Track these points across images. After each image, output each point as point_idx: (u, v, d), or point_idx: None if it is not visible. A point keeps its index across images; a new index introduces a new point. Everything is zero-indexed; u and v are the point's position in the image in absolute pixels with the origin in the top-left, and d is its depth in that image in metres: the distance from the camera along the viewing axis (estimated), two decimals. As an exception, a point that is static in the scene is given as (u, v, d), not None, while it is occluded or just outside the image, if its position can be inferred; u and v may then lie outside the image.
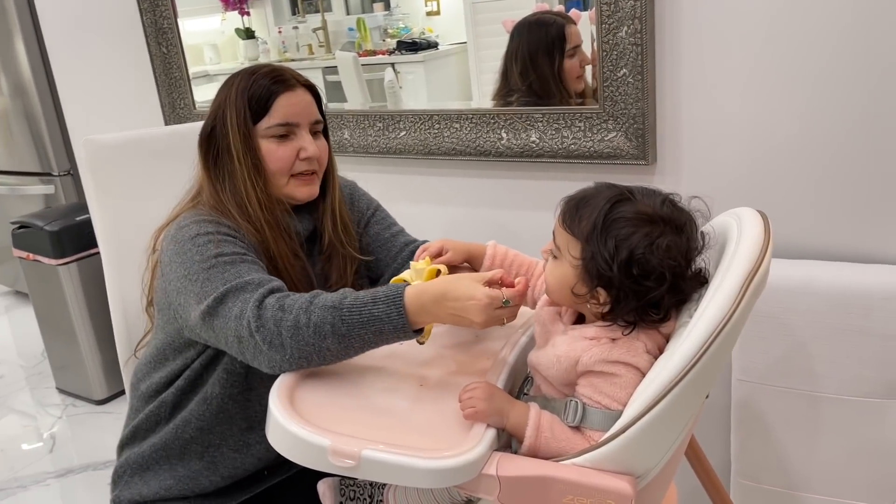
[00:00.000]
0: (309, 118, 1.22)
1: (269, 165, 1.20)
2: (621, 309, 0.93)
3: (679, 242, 0.91)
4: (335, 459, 0.88)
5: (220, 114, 1.20)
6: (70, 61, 2.52)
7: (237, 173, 1.18)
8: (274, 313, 1.00)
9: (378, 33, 1.92)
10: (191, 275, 1.09)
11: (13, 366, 3.14)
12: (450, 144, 1.76)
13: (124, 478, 1.27)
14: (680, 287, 0.93)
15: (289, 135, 1.20)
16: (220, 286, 1.05)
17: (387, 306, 0.98)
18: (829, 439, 1.41)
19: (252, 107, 1.18)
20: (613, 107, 1.50)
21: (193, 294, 1.08)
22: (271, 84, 1.19)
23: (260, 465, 1.28)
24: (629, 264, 0.90)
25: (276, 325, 1.00)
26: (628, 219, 0.91)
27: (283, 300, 1.02)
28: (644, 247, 0.89)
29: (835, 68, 1.32)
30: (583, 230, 0.93)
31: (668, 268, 0.90)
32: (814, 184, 1.39)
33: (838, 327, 1.33)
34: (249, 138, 1.18)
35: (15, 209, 3.37)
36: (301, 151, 1.20)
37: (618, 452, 0.84)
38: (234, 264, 1.08)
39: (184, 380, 1.21)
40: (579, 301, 0.96)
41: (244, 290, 1.04)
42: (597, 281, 0.92)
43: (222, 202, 1.18)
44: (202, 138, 1.22)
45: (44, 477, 2.34)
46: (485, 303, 0.96)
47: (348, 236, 1.30)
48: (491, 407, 0.93)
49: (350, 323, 0.98)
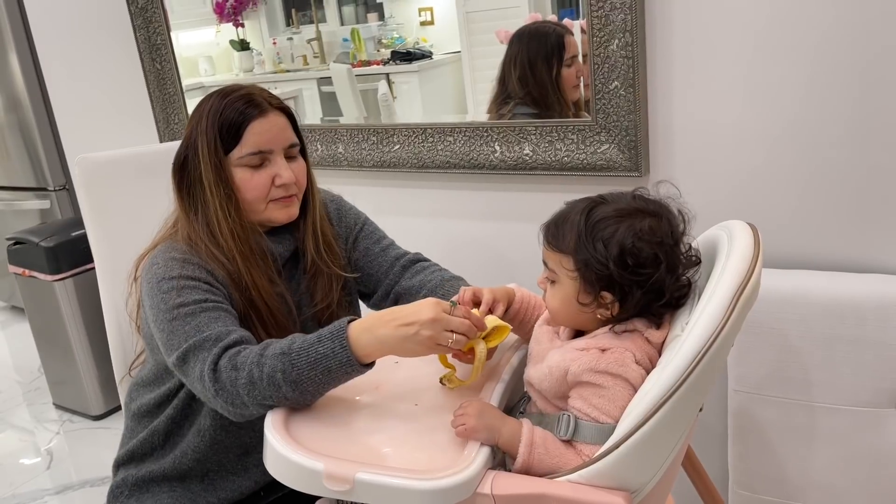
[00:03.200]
0: (283, 143, 1.19)
1: (245, 195, 1.18)
2: (629, 303, 0.95)
3: (660, 224, 0.95)
4: (330, 483, 0.88)
5: (191, 143, 1.18)
6: (64, 76, 2.53)
7: (210, 204, 1.17)
8: (228, 374, 1.01)
9: (372, 43, 1.93)
10: (158, 323, 1.10)
11: (10, 381, 3.13)
12: (443, 157, 1.76)
13: (121, 497, 1.27)
14: (675, 266, 0.96)
15: (263, 163, 1.18)
16: (182, 342, 1.06)
17: (331, 342, 0.98)
18: (826, 449, 1.41)
19: (223, 136, 1.16)
20: (606, 119, 1.51)
21: (162, 343, 1.10)
22: (244, 108, 1.16)
23: (256, 487, 1.28)
24: (622, 257, 0.93)
25: (232, 386, 1.00)
26: (606, 218, 0.95)
27: (235, 358, 1.02)
28: (630, 237, 0.93)
29: (825, 80, 1.32)
30: (569, 244, 0.96)
31: (658, 248, 0.93)
32: (806, 194, 1.40)
33: (832, 337, 1.34)
34: (221, 169, 1.16)
35: (10, 225, 3.36)
36: (276, 178, 1.18)
37: (612, 468, 0.84)
38: (194, 315, 1.08)
39: (173, 409, 1.22)
40: (588, 311, 0.97)
41: (201, 348, 1.04)
42: (598, 285, 0.95)
43: (196, 231, 1.17)
44: (175, 168, 1.21)
45: (42, 494, 2.32)
46: (431, 302, 0.97)
47: (332, 255, 1.28)
48: (482, 423, 0.93)
49: (300, 367, 0.98)
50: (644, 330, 0.96)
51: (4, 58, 3.15)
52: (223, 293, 1.14)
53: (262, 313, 1.17)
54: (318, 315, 1.26)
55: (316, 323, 1.26)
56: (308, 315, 1.26)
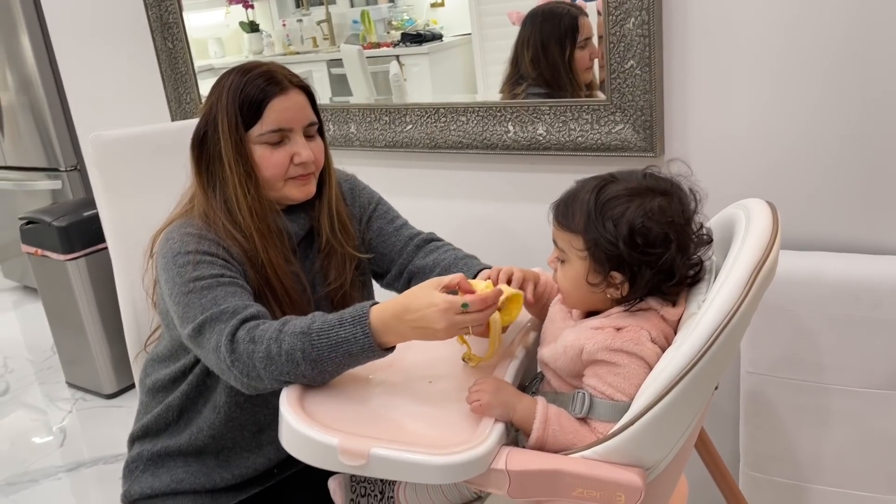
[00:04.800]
0: (302, 122, 1.19)
1: (264, 172, 1.18)
2: (639, 283, 0.94)
3: (670, 203, 0.94)
4: (345, 458, 0.88)
5: (211, 118, 1.18)
6: (75, 56, 2.52)
7: (228, 180, 1.17)
8: (246, 346, 1.01)
9: (382, 25, 1.92)
10: (174, 296, 1.10)
11: (23, 361, 3.16)
12: (456, 138, 1.75)
13: (136, 472, 1.28)
14: (686, 245, 0.95)
15: (282, 140, 1.18)
16: (198, 314, 1.06)
17: (353, 327, 0.98)
18: (838, 430, 1.40)
19: (244, 112, 1.16)
20: (621, 99, 1.50)
21: (178, 316, 1.10)
22: (265, 86, 1.16)
23: (271, 465, 1.29)
24: (632, 236, 0.92)
25: (249, 358, 1.01)
26: (617, 197, 0.94)
27: (254, 331, 1.02)
28: (640, 216, 0.92)
29: (846, 57, 1.31)
30: (579, 223, 0.96)
31: (669, 227, 0.92)
32: (823, 175, 1.39)
33: (847, 318, 1.33)
34: (241, 145, 1.16)
35: (22, 205, 3.38)
36: (295, 157, 1.18)
37: (627, 444, 0.84)
38: (211, 289, 1.08)
39: (188, 385, 1.22)
40: (598, 291, 0.96)
41: (219, 320, 1.05)
42: (608, 265, 0.94)
43: (213, 209, 1.17)
44: (194, 143, 1.20)
45: (55, 471, 2.35)
46: (443, 307, 0.95)
47: (347, 236, 1.28)
48: (497, 400, 0.93)
49: (320, 347, 0.98)
50: (659, 308, 0.95)
51: (16, 39, 3.15)
52: (239, 270, 1.14)
53: (277, 292, 1.17)
54: (331, 294, 1.27)
55: (329, 302, 1.27)
56: (321, 294, 1.26)
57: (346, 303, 1.27)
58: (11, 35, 3.16)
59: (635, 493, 0.83)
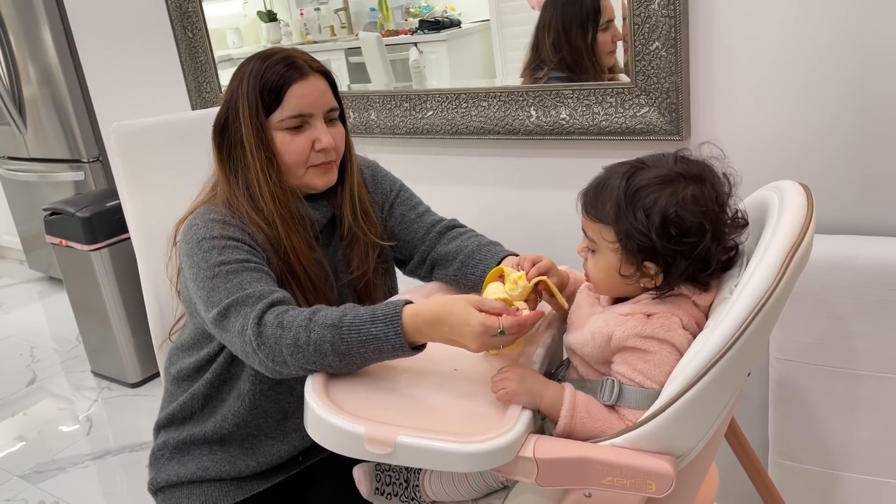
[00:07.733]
0: (323, 107, 1.18)
1: (285, 158, 1.17)
2: (674, 274, 0.92)
3: (703, 190, 0.91)
4: (371, 446, 0.88)
5: (232, 105, 1.17)
6: (96, 47, 2.53)
7: (250, 167, 1.16)
8: (273, 331, 1.00)
9: (400, 13, 1.90)
10: (198, 280, 1.10)
11: (49, 350, 3.20)
12: (478, 123, 1.74)
13: (161, 460, 1.29)
14: (722, 233, 0.92)
15: (303, 126, 1.17)
16: (224, 298, 1.05)
17: (385, 325, 0.97)
18: (870, 418, 1.38)
19: (264, 98, 1.15)
20: (646, 81, 1.47)
21: (202, 301, 1.09)
22: (285, 71, 1.15)
23: (295, 452, 1.29)
24: (665, 227, 0.89)
25: (276, 343, 1.00)
26: (647, 185, 0.91)
27: (283, 316, 1.01)
28: (673, 205, 0.89)
29: (878, 37, 1.27)
30: (609, 213, 0.93)
31: (703, 216, 0.89)
32: (855, 157, 1.35)
33: (880, 303, 1.30)
34: (262, 131, 1.16)
35: (46, 196, 3.41)
36: (316, 143, 1.17)
37: (658, 432, 0.83)
38: (237, 273, 1.07)
39: (212, 373, 1.22)
40: (631, 282, 0.94)
41: (245, 303, 1.04)
42: (640, 256, 0.92)
43: (235, 195, 1.17)
44: (215, 130, 1.20)
45: (81, 459, 2.38)
46: (479, 331, 0.93)
47: (369, 223, 1.27)
48: (523, 387, 0.92)
49: (349, 342, 0.98)
50: (691, 294, 0.93)
51: (37, 32, 3.17)
52: (263, 256, 1.14)
53: (301, 279, 1.16)
54: (353, 282, 1.26)
55: (352, 290, 1.26)
56: (345, 282, 1.26)
57: (369, 290, 1.26)
58: (33, 28, 3.18)
59: (666, 482, 0.82)
